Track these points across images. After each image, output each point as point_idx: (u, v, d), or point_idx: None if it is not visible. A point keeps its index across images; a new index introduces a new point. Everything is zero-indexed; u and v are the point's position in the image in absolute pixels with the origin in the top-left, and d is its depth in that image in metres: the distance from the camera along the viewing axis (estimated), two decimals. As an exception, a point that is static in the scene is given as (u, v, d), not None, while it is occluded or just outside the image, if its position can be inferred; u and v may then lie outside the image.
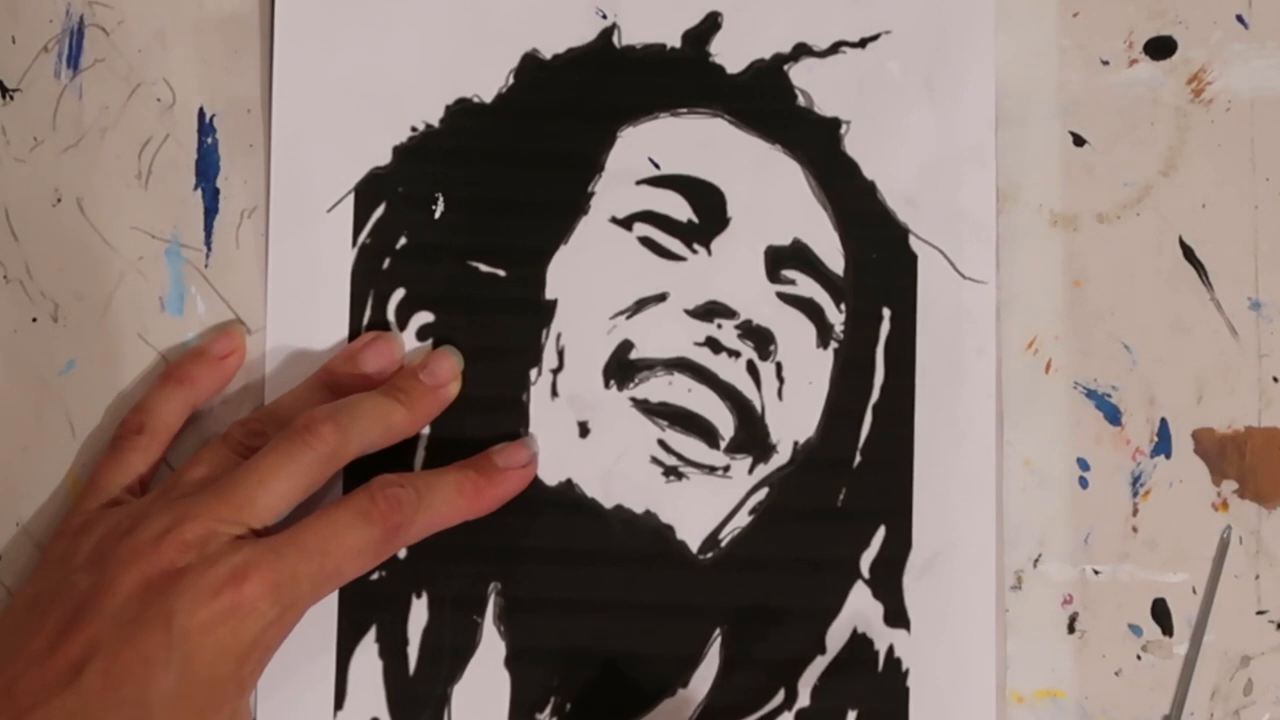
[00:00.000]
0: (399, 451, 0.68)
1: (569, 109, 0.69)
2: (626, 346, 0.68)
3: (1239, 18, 0.70)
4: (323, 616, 0.68)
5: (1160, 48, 0.70)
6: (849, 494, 0.68)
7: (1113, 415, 0.69)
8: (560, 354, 0.68)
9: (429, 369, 0.68)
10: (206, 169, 0.70)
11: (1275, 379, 0.69)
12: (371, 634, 0.68)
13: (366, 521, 0.62)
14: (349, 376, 0.68)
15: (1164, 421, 0.69)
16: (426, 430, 0.68)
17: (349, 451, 0.64)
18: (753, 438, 0.68)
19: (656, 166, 0.69)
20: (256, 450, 0.64)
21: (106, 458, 0.67)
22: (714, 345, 0.68)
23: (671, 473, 0.68)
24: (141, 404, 0.68)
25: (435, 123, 0.70)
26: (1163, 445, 0.69)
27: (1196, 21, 0.70)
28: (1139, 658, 0.68)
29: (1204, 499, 0.69)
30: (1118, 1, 0.70)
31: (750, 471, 0.68)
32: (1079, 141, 0.70)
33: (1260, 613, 0.68)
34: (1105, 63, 0.70)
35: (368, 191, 0.69)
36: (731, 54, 0.69)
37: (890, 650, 0.67)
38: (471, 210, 0.69)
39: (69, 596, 0.61)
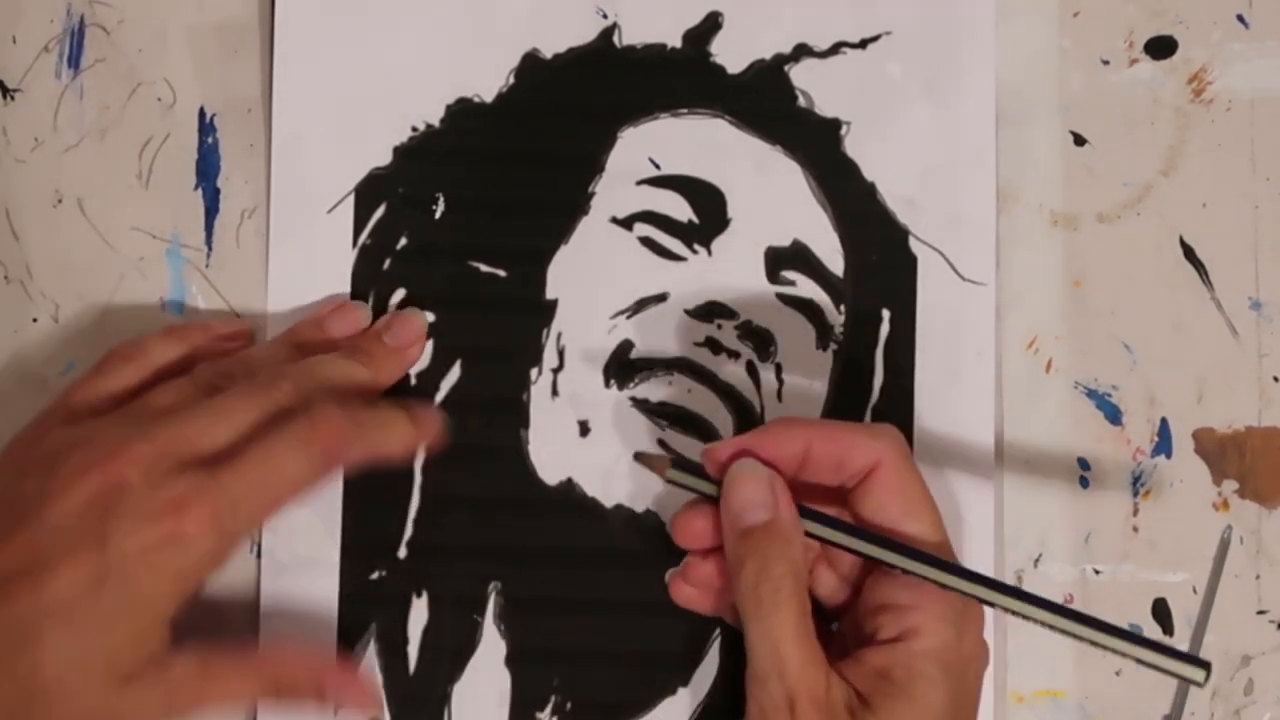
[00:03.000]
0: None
1: (570, 109, 0.69)
2: (627, 346, 0.68)
3: (1239, 18, 0.70)
4: (323, 616, 0.68)
5: (1160, 48, 0.70)
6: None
7: (1113, 415, 0.69)
8: (561, 354, 0.68)
9: (392, 330, 0.68)
10: (207, 169, 0.70)
11: (1275, 379, 0.69)
12: (371, 634, 0.68)
13: (306, 449, 0.62)
14: (315, 341, 0.68)
15: (1164, 421, 0.69)
16: (426, 430, 0.68)
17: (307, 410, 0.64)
18: (753, 438, 0.68)
19: (657, 167, 0.69)
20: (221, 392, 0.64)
21: (85, 377, 0.66)
22: (714, 345, 0.68)
23: (672, 472, 0.68)
24: (138, 340, 0.67)
25: (436, 123, 0.69)
26: (1163, 445, 0.69)
27: (1196, 21, 0.70)
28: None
29: (1204, 499, 0.69)
30: (1118, 1, 0.70)
31: (750, 472, 0.68)
32: (1079, 141, 0.70)
33: (1260, 613, 0.68)
34: (1105, 63, 0.70)
35: (368, 192, 0.69)
36: (732, 54, 0.69)
37: (890, 650, 0.67)
38: (472, 210, 0.69)
39: (15, 502, 0.60)
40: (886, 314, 0.69)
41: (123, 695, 0.60)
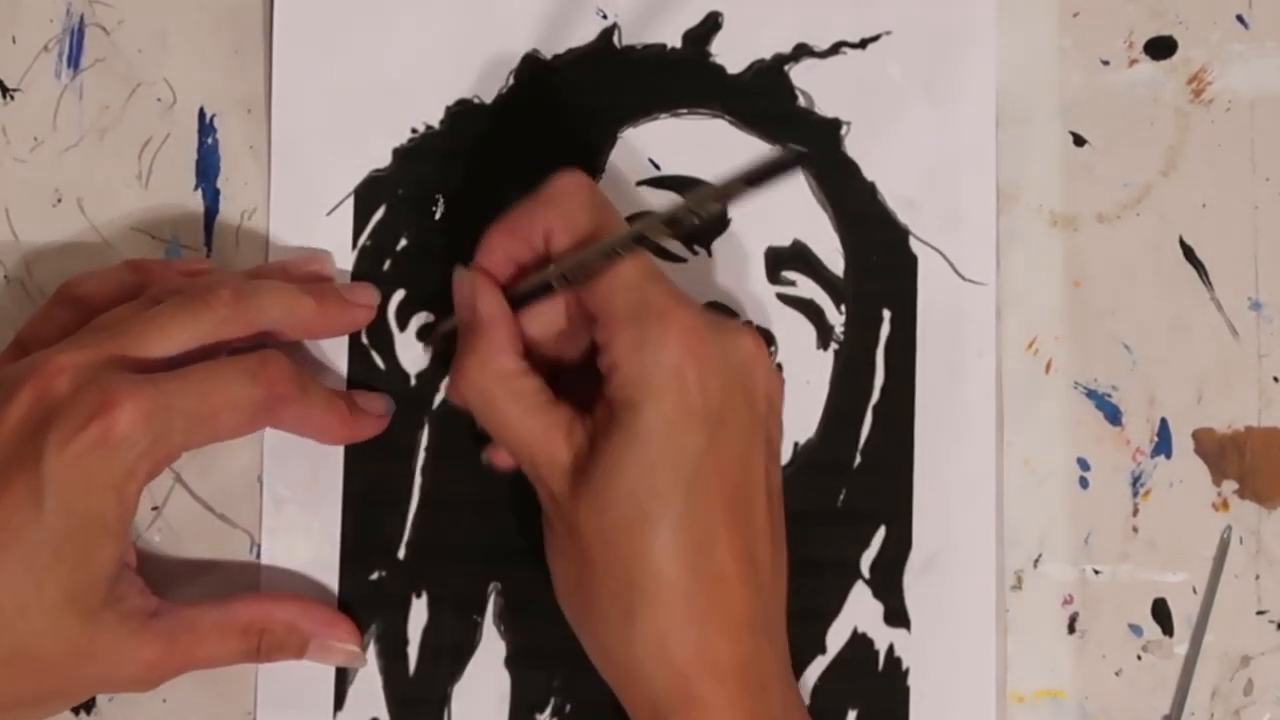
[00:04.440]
0: (398, 450, 0.68)
1: (569, 110, 0.69)
2: (627, 347, 0.68)
3: (1239, 18, 0.70)
4: (323, 616, 0.68)
5: (1160, 48, 0.70)
6: (849, 495, 0.68)
7: (1113, 415, 0.69)
8: (561, 354, 0.68)
9: (347, 286, 0.68)
10: (207, 169, 0.70)
11: (1275, 379, 0.69)
12: (371, 634, 0.68)
13: (252, 380, 0.61)
14: (277, 277, 0.67)
15: (1164, 421, 0.69)
16: (426, 431, 0.68)
17: (247, 319, 0.63)
18: (753, 438, 0.68)
19: (657, 167, 0.69)
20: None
21: (36, 313, 0.66)
22: (714, 346, 0.68)
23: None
24: (92, 271, 0.67)
25: (435, 124, 0.69)
26: (1163, 445, 0.69)
27: (1196, 21, 0.70)
28: (1139, 658, 0.68)
29: (1204, 499, 0.69)
30: (1118, 1, 0.70)
31: (750, 472, 0.68)
32: (1079, 141, 0.70)
33: (1260, 613, 0.68)
34: (1105, 63, 0.70)
35: (368, 193, 0.69)
36: (732, 54, 0.69)
37: (890, 650, 0.67)
38: (472, 212, 0.68)
39: None
40: (887, 314, 0.69)
41: (92, 633, 0.59)
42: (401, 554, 0.68)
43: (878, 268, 0.69)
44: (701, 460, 0.59)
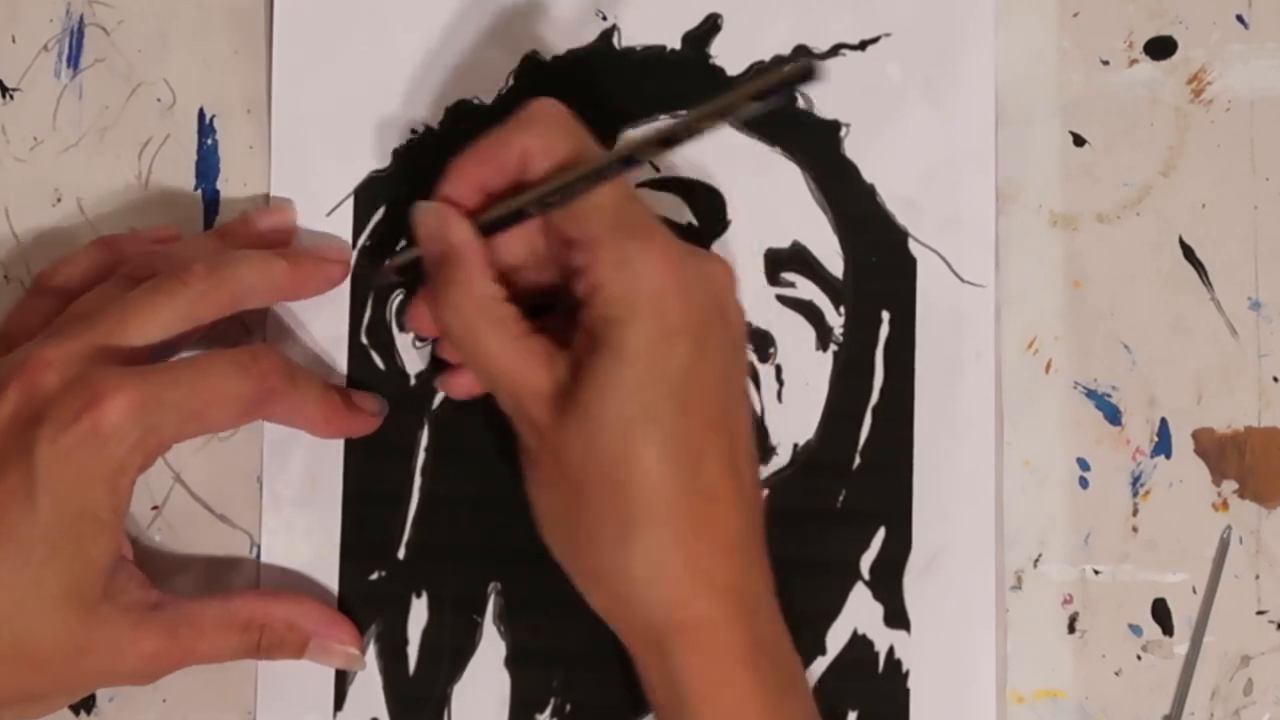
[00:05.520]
0: (398, 450, 0.68)
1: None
2: (627, 347, 0.68)
3: (1239, 18, 0.70)
4: (323, 616, 0.68)
5: (1160, 48, 0.70)
6: (848, 496, 0.68)
7: (1113, 415, 0.69)
8: (561, 354, 0.68)
9: (316, 244, 0.68)
10: (206, 170, 0.70)
11: (1275, 379, 0.69)
12: (371, 634, 0.68)
13: (243, 374, 0.61)
14: (242, 236, 0.67)
15: (1164, 421, 0.69)
16: (426, 431, 0.68)
17: (224, 292, 0.63)
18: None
19: (656, 169, 0.69)
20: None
21: (14, 307, 0.66)
22: (714, 346, 0.68)
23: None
24: (65, 256, 0.67)
25: (435, 125, 0.69)
26: (1163, 445, 0.69)
27: (1196, 21, 0.70)
28: (1139, 658, 0.68)
29: (1204, 499, 0.69)
30: (1118, 1, 0.70)
31: (750, 472, 0.68)
32: (1079, 141, 0.70)
33: (1260, 613, 0.68)
34: (1105, 63, 0.70)
35: (367, 194, 0.69)
36: (731, 56, 0.69)
37: (890, 651, 0.67)
38: (472, 211, 0.69)
39: None
40: (886, 315, 0.69)
41: (91, 626, 0.59)
42: (401, 554, 0.68)
43: (877, 269, 0.69)
44: (687, 376, 0.59)
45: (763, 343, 0.68)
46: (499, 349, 0.60)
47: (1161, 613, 0.68)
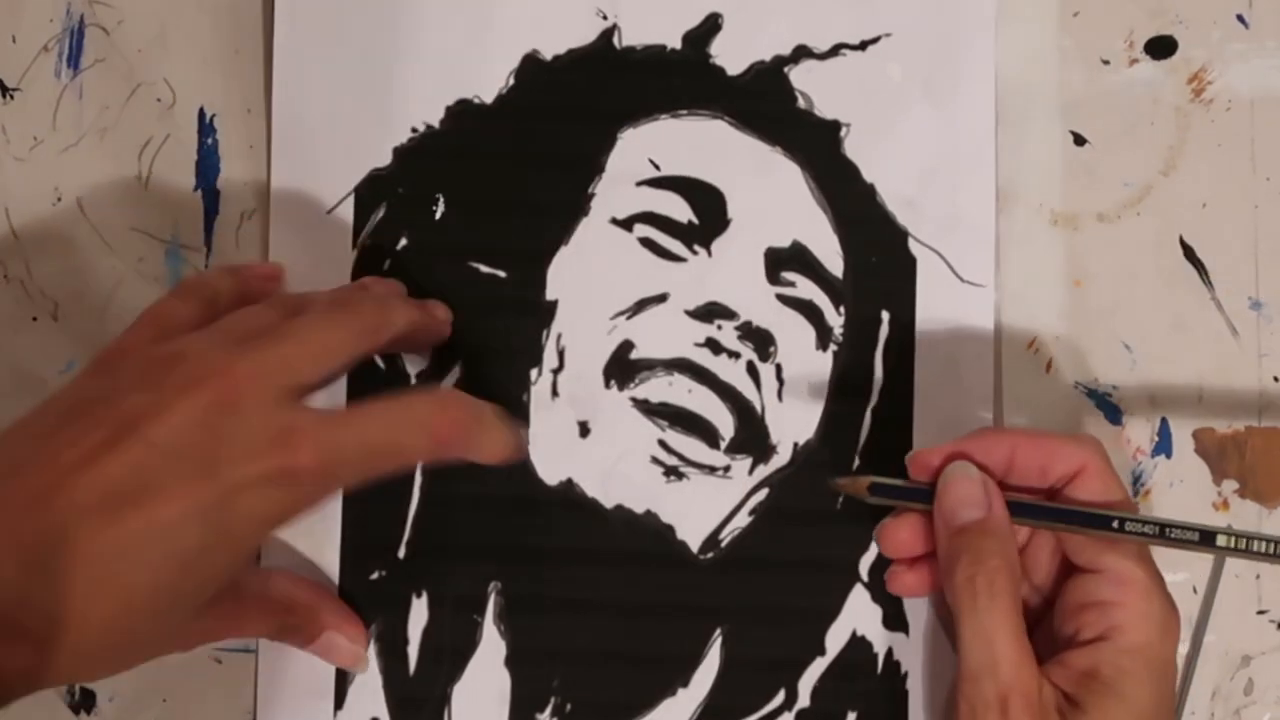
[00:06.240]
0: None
1: (569, 110, 0.69)
2: (627, 347, 0.68)
3: (1239, 18, 0.70)
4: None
5: (1160, 48, 0.70)
6: (848, 497, 0.68)
7: (1113, 415, 0.69)
8: (561, 354, 0.68)
9: (429, 302, 0.68)
10: (206, 169, 0.70)
11: (1275, 379, 0.69)
12: (371, 634, 0.68)
13: (424, 433, 0.60)
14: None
15: (1164, 421, 0.69)
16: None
17: (386, 332, 0.63)
18: (753, 438, 0.68)
19: (657, 168, 0.69)
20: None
21: (163, 299, 0.64)
22: (714, 346, 0.68)
23: (672, 473, 0.68)
24: (204, 273, 0.67)
25: (435, 123, 0.69)
26: (1163, 445, 0.69)
27: (1196, 21, 0.70)
28: (1139, 658, 0.68)
29: (1204, 499, 0.69)
30: (1118, 1, 0.70)
31: (750, 472, 0.68)
32: (1079, 141, 0.70)
33: (1260, 613, 0.68)
34: (1105, 63, 0.70)
35: (368, 192, 0.69)
36: (732, 56, 0.69)
37: (889, 653, 0.68)
38: (472, 211, 0.69)
39: (115, 412, 0.56)
40: (886, 315, 0.69)
41: (189, 624, 0.59)
42: (401, 554, 0.68)
43: (877, 269, 0.69)
44: None
45: (763, 341, 0.68)
46: (1009, 630, 0.60)
47: (1162, 613, 0.68)
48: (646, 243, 0.69)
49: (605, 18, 0.70)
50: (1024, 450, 0.62)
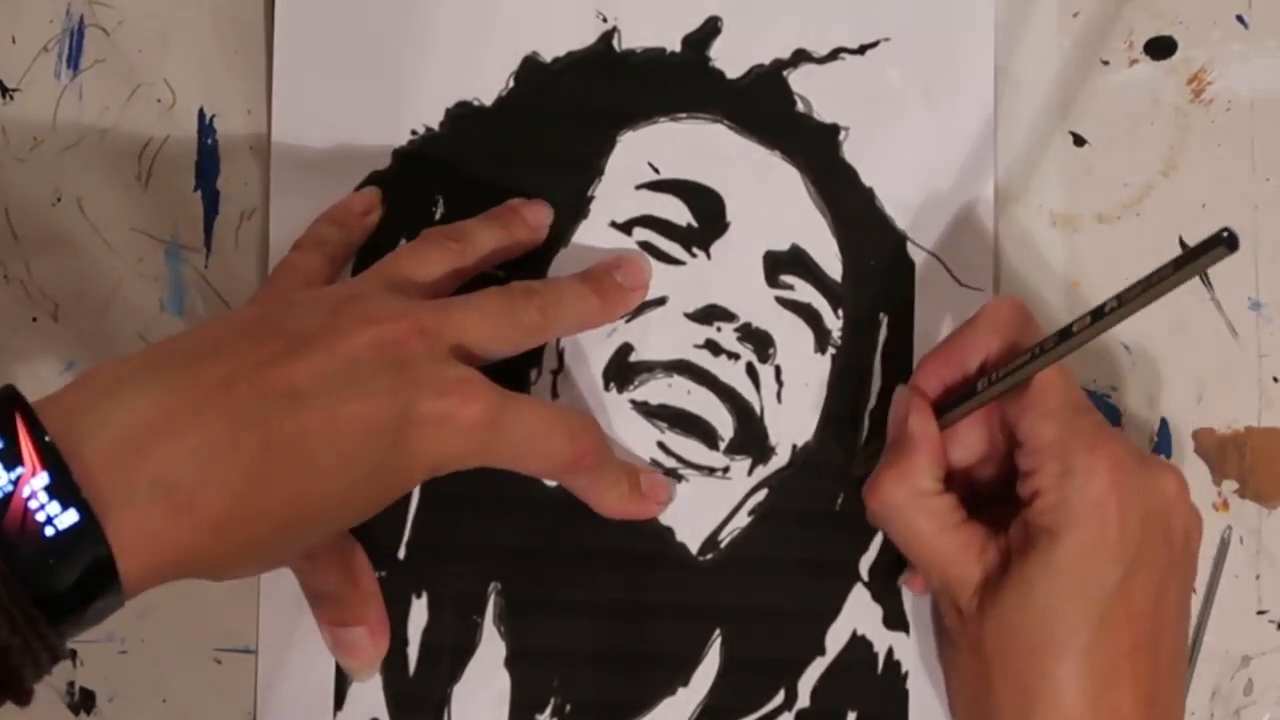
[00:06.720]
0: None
1: (569, 113, 0.69)
2: (626, 349, 0.68)
3: (1239, 18, 0.70)
4: (324, 616, 0.68)
5: (1160, 48, 0.70)
6: (847, 498, 0.68)
7: (1113, 415, 0.69)
8: (560, 356, 0.68)
9: (623, 270, 0.68)
10: (206, 170, 0.70)
11: (1275, 379, 0.69)
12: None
13: (570, 443, 0.62)
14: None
15: (1164, 421, 0.69)
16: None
17: (546, 334, 0.65)
18: (752, 439, 0.68)
19: (656, 171, 0.69)
20: (469, 263, 0.65)
21: (291, 255, 0.66)
22: (714, 348, 0.68)
23: (671, 474, 0.68)
24: (314, 231, 0.67)
25: (435, 126, 0.69)
26: (1163, 445, 0.69)
27: (1196, 21, 0.70)
28: (1138, 658, 0.68)
29: (1204, 499, 0.69)
30: (1118, 1, 0.70)
31: (750, 473, 0.68)
32: (1079, 141, 0.70)
33: (1260, 613, 0.68)
34: (1105, 63, 0.70)
35: (368, 194, 0.69)
36: (731, 59, 0.69)
37: (890, 652, 0.68)
38: (471, 213, 0.68)
39: (298, 326, 0.57)
40: (884, 319, 0.69)
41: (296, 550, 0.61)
42: (401, 554, 0.68)
43: (875, 273, 0.69)
44: (1113, 595, 0.59)
45: (762, 343, 0.68)
46: (931, 538, 0.62)
47: (1161, 613, 0.68)
48: (646, 246, 0.68)
49: (605, 20, 0.70)
50: (956, 350, 0.64)
